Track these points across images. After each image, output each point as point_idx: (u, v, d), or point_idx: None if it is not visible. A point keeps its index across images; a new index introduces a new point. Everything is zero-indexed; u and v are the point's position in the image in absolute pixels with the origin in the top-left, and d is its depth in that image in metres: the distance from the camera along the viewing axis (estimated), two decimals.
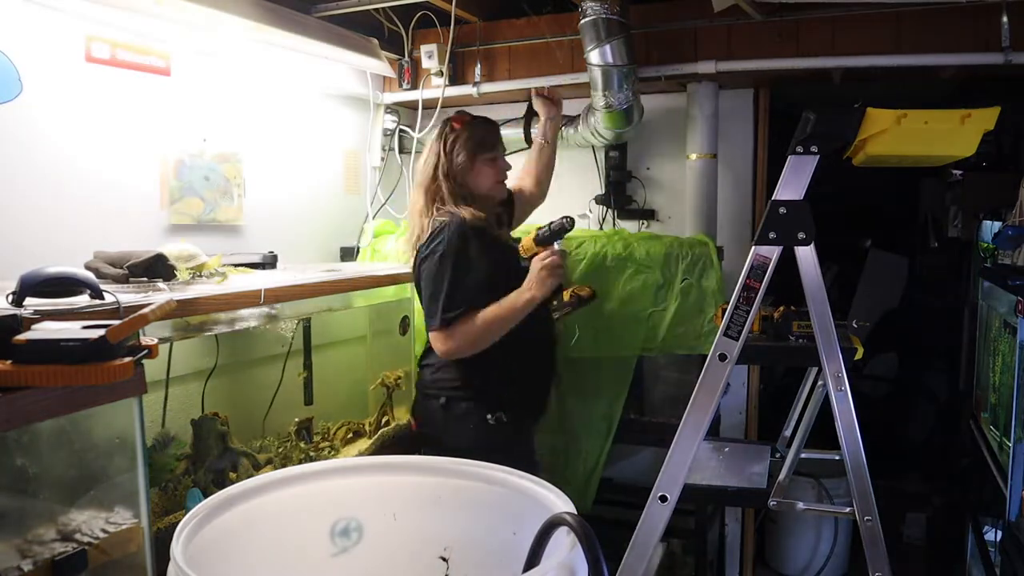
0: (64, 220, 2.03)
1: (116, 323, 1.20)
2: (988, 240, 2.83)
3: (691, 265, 2.59)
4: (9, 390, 1.15)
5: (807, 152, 1.63)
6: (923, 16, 2.43)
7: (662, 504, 1.69)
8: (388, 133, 3.22)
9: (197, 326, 1.77)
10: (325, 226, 3.01)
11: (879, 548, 1.65)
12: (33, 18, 1.94)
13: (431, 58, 2.93)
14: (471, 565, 1.28)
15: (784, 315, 1.93)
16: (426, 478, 1.32)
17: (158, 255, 1.73)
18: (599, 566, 0.93)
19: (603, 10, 2.45)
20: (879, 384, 4.44)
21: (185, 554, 1.01)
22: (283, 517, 1.24)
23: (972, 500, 2.87)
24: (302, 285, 2.04)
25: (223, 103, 2.50)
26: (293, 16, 2.51)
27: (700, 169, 2.88)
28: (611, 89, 2.58)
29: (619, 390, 2.67)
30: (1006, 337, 2.31)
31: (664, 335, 2.61)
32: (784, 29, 2.60)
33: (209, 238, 2.42)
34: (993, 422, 2.51)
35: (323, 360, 2.55)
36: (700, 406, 1.69)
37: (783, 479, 2.05)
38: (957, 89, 3.40)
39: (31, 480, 1.34)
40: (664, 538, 2.02)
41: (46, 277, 1.38)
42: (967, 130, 1.59)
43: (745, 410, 3.08)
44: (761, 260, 1.65)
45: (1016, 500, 2.07)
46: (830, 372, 1.65)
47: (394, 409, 2.57)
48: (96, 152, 2.11)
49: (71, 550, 1.33)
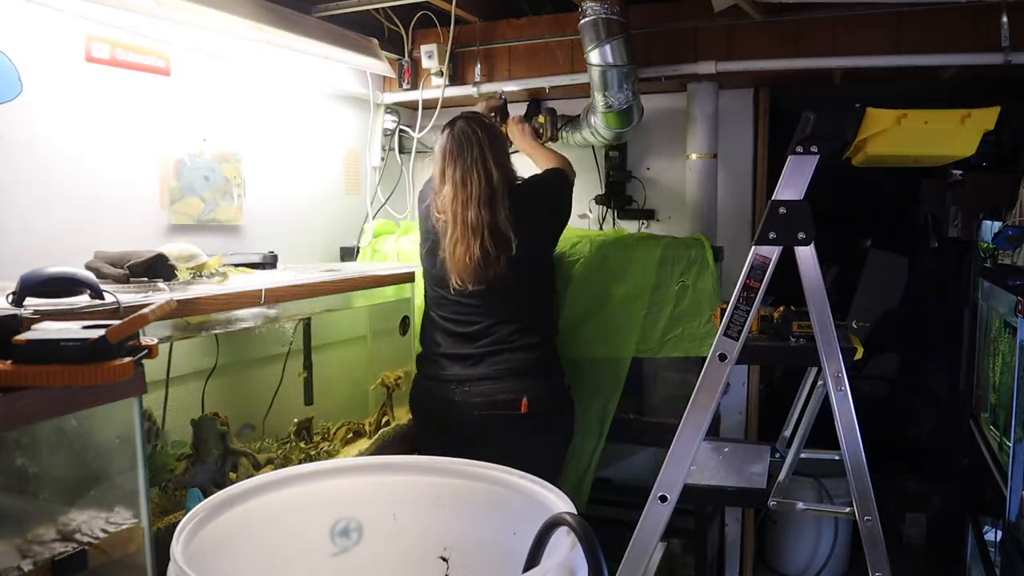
0: (64, 220, 2.03)
1: (116, 323, 1.20)
2: (988, 240, 2.83)
3: (687, 267, 2.58)
4: (9, 390, 1.15)
5: (807, 152, 1.63)
6: (923, 16, 2.43)
7: (662, 504, 1.69)
8: (388, 133, 3.22)
9: (197, 326, 1.77)
10: (325, 226, 3.01)
11: (879, 548, 1.65)
12: (33, 18, 1.94)
13: (431, 58, 2.93)
14: (471, 565, 1.28)
15: (784, 315, 1.94)
16: (426, 478, 1.32)
17: (158, 255, 1.73)
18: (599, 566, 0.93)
19: (603, 10, 2.45)
20: (879, 384, 4.44)
21: (185, 554, 1.01)
22: (283, 517, 1.24)
23: (972, 500, 2.87)
24: (302, 285, 2.04)
25: (223, 103, 2.50)
26: (293, 16, 2.51)
27: (700, 169, 2.88)
28: (611, 89, 2.57)
29: (613, 391, 2.66)
30: (1006, 337, 2.32)
31: (659, 338, 2.61)
32: (784, 29, 2.60)
33: (209, 238, 2.42)
34: (993, 422, 2.51)
35: (323, 360, 2.55)
36: (700, 406, 1.69)
37: (783, 479, 2.05)
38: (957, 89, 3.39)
39: (31, 480, 1.34)
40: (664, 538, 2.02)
41: (46, 277, 1.38)
42: (967, 130, 1.59)
43: (745, 410, 3.08)
44: (761, 260, 1.66)
45: (1016, 500, 2.07)
46: (830, 372, 1.65)
47: (394, 409, 2.57)
48: (96, 152, 2.11)
49: (71, 550, 1.33)
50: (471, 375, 2.25)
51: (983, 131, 1.59)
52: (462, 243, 2.17)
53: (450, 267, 2.21)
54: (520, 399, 2.21)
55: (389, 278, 2.48)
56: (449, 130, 2.26)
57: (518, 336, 2.27)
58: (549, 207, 2.37)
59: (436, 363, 2.33)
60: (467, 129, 2.23)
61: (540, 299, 2.41)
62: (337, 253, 3.05)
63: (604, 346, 2.64)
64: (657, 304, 2.60)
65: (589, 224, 3.22)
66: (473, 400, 2.24)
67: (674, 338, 2.60)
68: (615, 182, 3.17)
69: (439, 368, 2.31)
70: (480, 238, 2.16)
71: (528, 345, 2.29)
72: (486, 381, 2.24)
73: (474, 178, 2.18)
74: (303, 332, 2.46)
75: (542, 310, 2.41)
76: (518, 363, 2.26)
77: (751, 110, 3.04)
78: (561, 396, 2.39)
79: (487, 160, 2.20)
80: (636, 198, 3.20)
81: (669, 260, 2.59)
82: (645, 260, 2.61)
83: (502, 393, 2.23)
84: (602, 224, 3.22)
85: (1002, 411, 2.33)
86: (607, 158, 3.16)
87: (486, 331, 2.27)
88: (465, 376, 2.26)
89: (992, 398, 2.55)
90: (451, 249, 2.19)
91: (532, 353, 2.29)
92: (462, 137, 2.21)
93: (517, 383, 2.24)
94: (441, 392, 2.29)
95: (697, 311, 2.57)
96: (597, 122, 2.76)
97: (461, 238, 2.17)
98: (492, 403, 2.23)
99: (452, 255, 2.19)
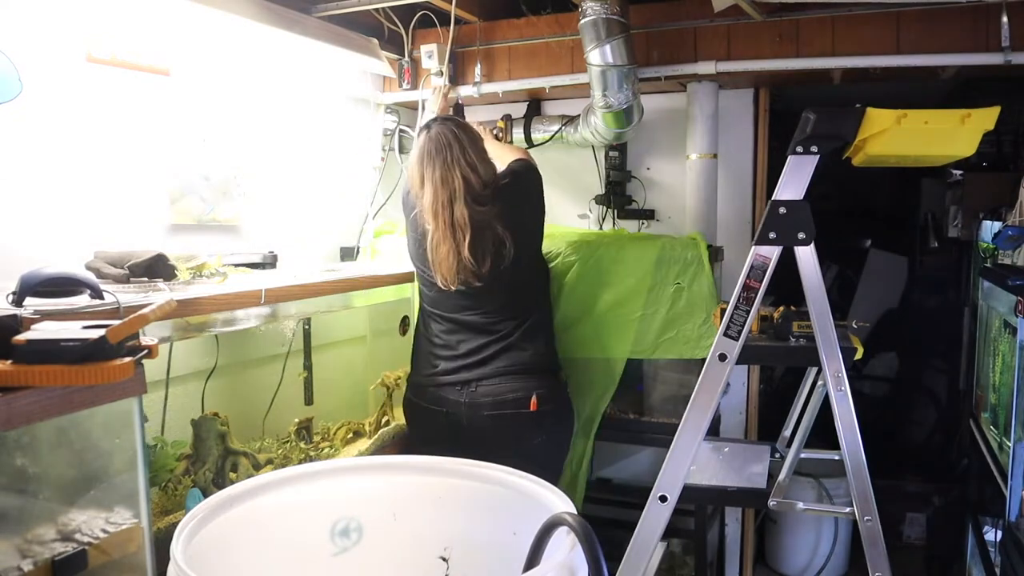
0: (64, 220, 2.03)
1: (116, 323, 1.20)
2: (988, 240, 2.83)
3: (683, 269, 2.57)
4: (9, 390, 1.15)
5: (807, 152, 1.63)
6: (923, 16, 2.43)
7: (662, 504, 1.69)
8: (388, 133, 3.22)
9: (197, 326, 1.77)
10: (325, 226, 3.01)
11: (879, 548, 1.65)
12: (33, 18, 1.94)
13: (431, 58, 2.93)
14: (471, 565, 1.28)
15: (784, 315, 1.93)
16: (426, 478, 1.32)
17: (158, 255, 1.73)
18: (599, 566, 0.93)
19: (603, 10, 2.45)
20: (879, 384, 4.44)
21: (185, 554, 1.01)
22: (283, 517, 1.24)
23: (972, 500, 2.87)
24: (302, 285, 2.04)
25: (223, 103, 2.50)
26: (293, 16, 2.51)
27: (700, 169, 2.88)
28: (611, 89, 2.57)
29: (605, 391, 2.66)
30: (1006, 337, 2.32)
31: (653, 339, 2.60)
32: (784, 29, 2.60)
33: (209, 238, 2.42)
34: (993, 422, 2.51)
35: (323, 360, 2.55)
36: (700, 406, 1.69)
37: (783, 479, 2.05)
38: (957, 89, 3.40)
39: (31, 480, 1.34)
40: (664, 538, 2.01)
41: (46, 277, 1.38)
42: (967, 130, 1.59)
43: (745, 410, 3.08)
44: (761, 260, 1.66)
45: (1016, 500, 2.08)
46: (830, 372, 1.65)
47: (394, 409, 2.57)
48: (96, 152, 2.11)
49: (71, 550, 1.33)
50: (478, 375, 2.24)
51: (983, 131, 1.59)
52: (445, 242, 2.14)
53: (435, 267, 2.19)
54: (530, 397, 2.21)
55: (389, 278, 2.48)
56: (426, 132, 2.23)
57: (521, 333, 2.27)
58: (526, 193, 2.34)
59: (436, 367, 2.31)
60: (443, 130, 2.21)
61: (538, 294, 2.40)
62: (337, 253, 3.05)
63: (599, 347, 2.64)
64: (652, 306, 2.59)
65: (589, 224, 3.22)
66: (481, 400, 2.22)
67: (668, 340, 2.59)
68: (615, 182, 3.17)
69: (441, 373, 2.29)
70: (465, 235, 2.14)
71: (532, 342, 2.28)
72: (493, 380, 2.23)
73: (456, 175, 2.15)
74: (303, 332, 2.46)
75: (542, 307, 2.41)
76: (524, 361, 2.25)
77: (751, 110, 3.04)
78: (564, 394, 2.39)
79: (468, 156, 2.18)
80: (636, 198, 3.20)
81: (665, 261, 2.58)
82: (641, 261, 2.60)
83: (511, 392, 2.22)
84: (602, 224, 3.22)
85: (1002, 411, 2.33)
86: (607, 158, 3.16)
87: (489, 328, 2.26)
88: (472, 377, 2.24)
89: (992, 398, 2.55)
90: (434, 249, 2.17)
91: (537, 350, 2.29)
92: (439, 138, 2.19)
93: (526, 381, 2.23)
94: (444, 396, 2.27)
95: (692, 313, 2.56)
96: (597, 122, 2.76)
97: (444, 237, 2.15)
98: (502, 402, 2.22)
99: (436, 255, 2.17)
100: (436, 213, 2.15)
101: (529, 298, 2.33)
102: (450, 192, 2.15)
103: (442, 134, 2.20)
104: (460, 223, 2.14)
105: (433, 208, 2.16)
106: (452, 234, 2.14)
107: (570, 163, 3.22)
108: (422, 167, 2.20)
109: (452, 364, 2.28)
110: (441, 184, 2.16)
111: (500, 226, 2.18)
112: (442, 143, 2.18)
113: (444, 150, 2.18)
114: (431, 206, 2.16)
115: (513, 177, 2.31)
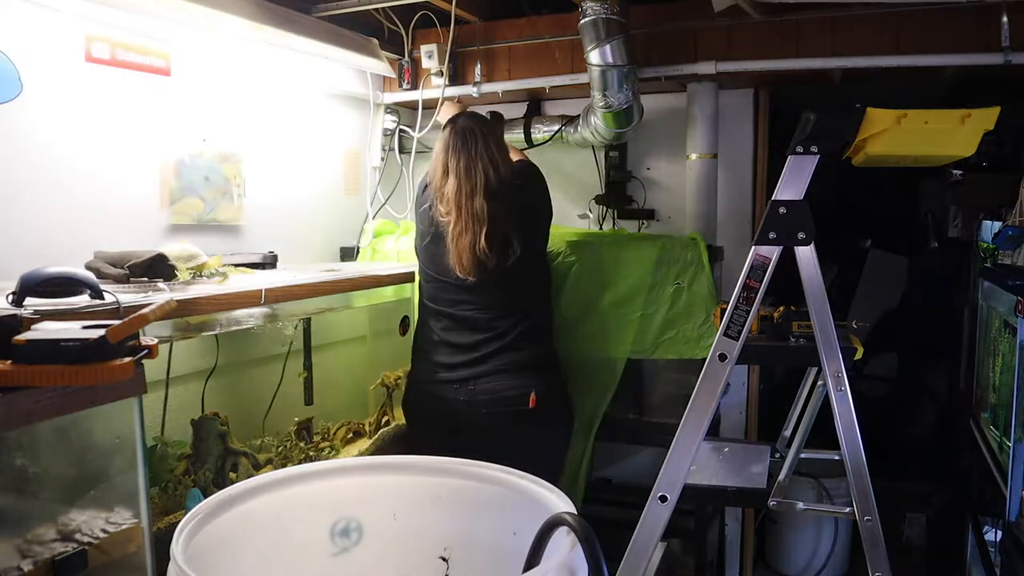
0: (64, 220, 2.03)
1: (116, 323, 1.20)
2: (988, 240, 2.83)
3: (683, 269, 2.57)
4: (9, 390, 1.15)
5: (807, 152, 1.63)
6: (923, 16, 2.43)
7: (662, 504, 1.69)
8: (388, 133, 3.22)
9: (197, 326, 1.77)
10: (325, 226, 3.01)
11: (879, 548, 1.65)
12: (33, 18, 1.94)
13: (431, 58, 2.93)
14: (471, 565, 1.28)
15: (784, 315, 1.93)
16: (426, 478, 1.32)
17: (158, 255, 1.73)
18: (599, 566, 0.93)
19: (603, 10, 2.45)
20: (879, 384, 4.44)
21: (185, 554, 1.01)
22: (283, 517, 1.24)
23: (972, 500, 2.87)
24: (302, 285, 2.04)
25: (223, 103, 2.50)
26: (293, 16, 2.51)
27: (700, 169, 2.88)
28: (611, 89, 2.57)
29: (605, 391, 2.66)
30: (1006, 337, 2.31)
31: (653, 339, 2.60)
32: (784, 29, 2.60)
33: (209, 238, 2.42)
34: (993, 422, 2.51)
35: (323, 360, 2.55)
36: (700, 406, 1.69)
37: (783, 479, 2.05)
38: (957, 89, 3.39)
39: (31, 480, 1.34)
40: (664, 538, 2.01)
41: (46, 277, 1.38)
42: (967, 130, 1.59)
43: (745, 410, 3.08)
44: (761, 260, 1.66)
45: (1016, 500, 2.07)
46: (830, 372, 1.65)
47: (394, 409, 2.57)
48: (96, 152, 2.11)
49: (71, 550, 1.33)
50: (476, 373, 2.25)
51: (983, 131, 1.59)
52: (467, 233, 2.19)
53: (454, 257, 2.22)
54: (528, 394, 2.22)
55: (389, 278, 2.48)
56: (451, 126, 2.29)
57: (519, 332, 2.27)
58: (538, 195, 2.39)
59: (435, 364, 2.32)
60: (470, 124, 2.27)
61: (539, 295, 2.41)
62: (337, 253, 3.05)
63: (599, 347, 2.64)
64: (652, 305, 2.60)
65: (589, 224, 3.22)
66: (480, 398, 2.24)
67: (668, 340, 2.60)
68: (615, 182, 3.17)
69: (439, 370, 2.30)
70: (484, 227, 2.18)
71: (532, 340, 2.29)
72: (492, 378, 2.24)
73: (479, 168, 2.21)
74: (303, 332, 2.46)
75: (542, 308, 2.41)
76: (524, 358, 2.26)
77: (751, 110, 3.04)
78: (563, 392, 2.40)
79: (491, 153, 2.24)
80: (636, 198, 3.20)
81: (665, 261, 2.59)
82: (641, 261, 2.60)
83: (510, 389, 2.23)
84: (602, 224, 3.22)
85: (1002, 411, 2.33)
86: (607, 158, 3.16)
87: (488, 325, 2.27)
88: (470, 375, 2.25)
89: (992, 398, 2.55)
90: (456, 239, 2.20)
91: (535, 350, 2.30)
92: (466, 132, 2.25)
93: (524, 378, 2.25)
94: (443, 394, 2.28)
95: (692, 313, 2.56)
96: (597, 122, 2.76)
97: (466, 228, 2.19)
98: (500, 399, 2.23)
99: (456, 244, 2.21)
100: (459, 204, 2.20)
101: (529, 298, 2.34)
102: (472, 184, 2.20)
103: (468, 128, 2.25)
104: (479, 215, 2.18)
105: (456, 199, 2.21)
106: (474, 225, 2.19)
107: (570, 163, 3.22)
108: (447, 157, 2.25)
109: (451, 361, 2.29)
110: (465, 175, 2.21)
111: (510, 224, 2.22)
112: (467, 136, 2.24)
113: (469, 143, 2.23)
114: (454, 196, 2.21)
115: (525, 179, 2.36)
